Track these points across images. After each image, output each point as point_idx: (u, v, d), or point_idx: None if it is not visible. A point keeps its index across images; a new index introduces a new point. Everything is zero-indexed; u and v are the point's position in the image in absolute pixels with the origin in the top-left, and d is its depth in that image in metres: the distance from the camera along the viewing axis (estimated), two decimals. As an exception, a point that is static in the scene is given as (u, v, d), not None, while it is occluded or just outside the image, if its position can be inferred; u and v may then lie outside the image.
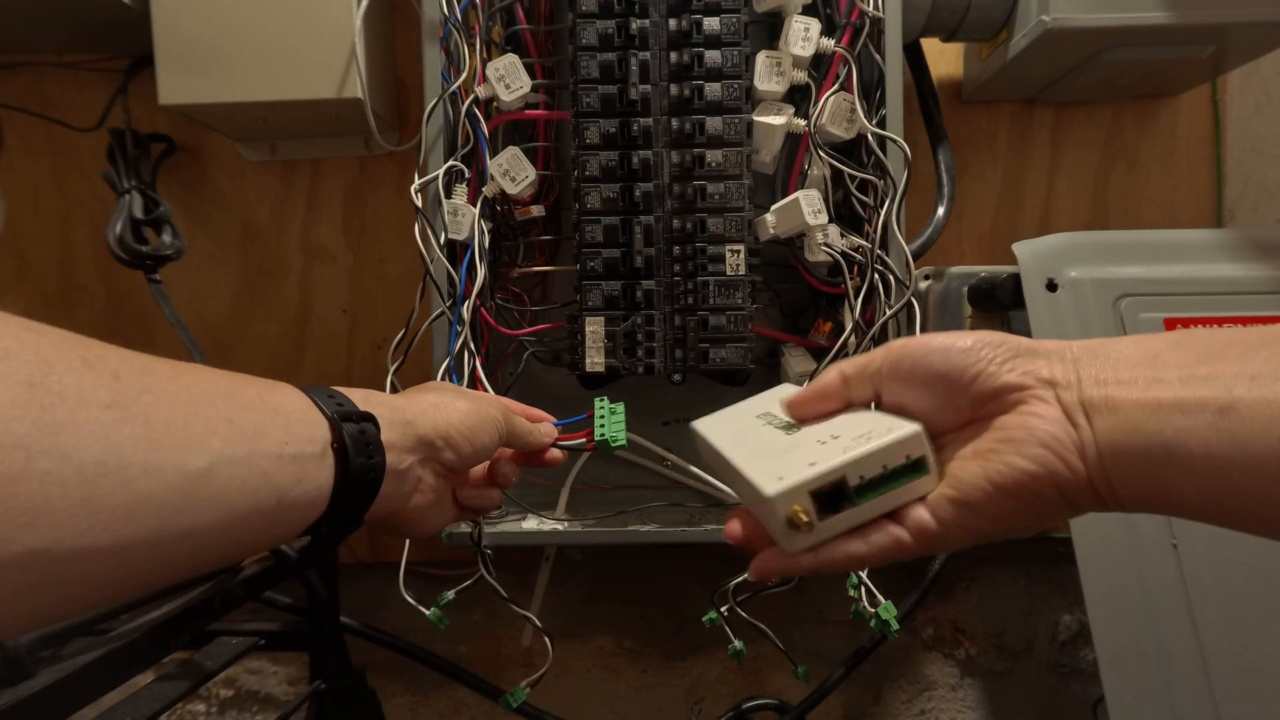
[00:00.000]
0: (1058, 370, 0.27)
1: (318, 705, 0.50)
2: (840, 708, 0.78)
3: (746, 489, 0.32)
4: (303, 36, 0.60)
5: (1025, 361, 0.28)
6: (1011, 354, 0.28)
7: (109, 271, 0.73)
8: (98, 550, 0.21)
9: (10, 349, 0.20)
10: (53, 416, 0.20)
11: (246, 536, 0.28)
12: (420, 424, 0.36)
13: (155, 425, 0.23)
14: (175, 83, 0.60)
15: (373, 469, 0.32)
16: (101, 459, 0.21)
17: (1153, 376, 0.25)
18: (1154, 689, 0.50)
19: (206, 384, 0.27)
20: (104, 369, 0.23)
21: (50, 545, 0.20)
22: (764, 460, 0.32)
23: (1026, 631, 0.78)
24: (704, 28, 0.55)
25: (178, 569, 0.26)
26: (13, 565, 0.19)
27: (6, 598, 0.20)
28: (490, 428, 0.40)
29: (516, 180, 0.57)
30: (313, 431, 0.30)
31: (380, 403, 0.35)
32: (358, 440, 0.32)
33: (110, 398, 0.22)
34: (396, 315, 0.74)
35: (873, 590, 0.53)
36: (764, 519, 0.31)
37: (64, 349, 0.22)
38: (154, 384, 0.24)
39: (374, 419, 0.33)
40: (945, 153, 0.65)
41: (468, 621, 0.78)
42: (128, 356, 0.24)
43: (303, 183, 0.73)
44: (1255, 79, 0.73)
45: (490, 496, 0.44)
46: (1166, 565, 0.51)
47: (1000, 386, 0.28)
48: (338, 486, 0.31)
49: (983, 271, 0.62)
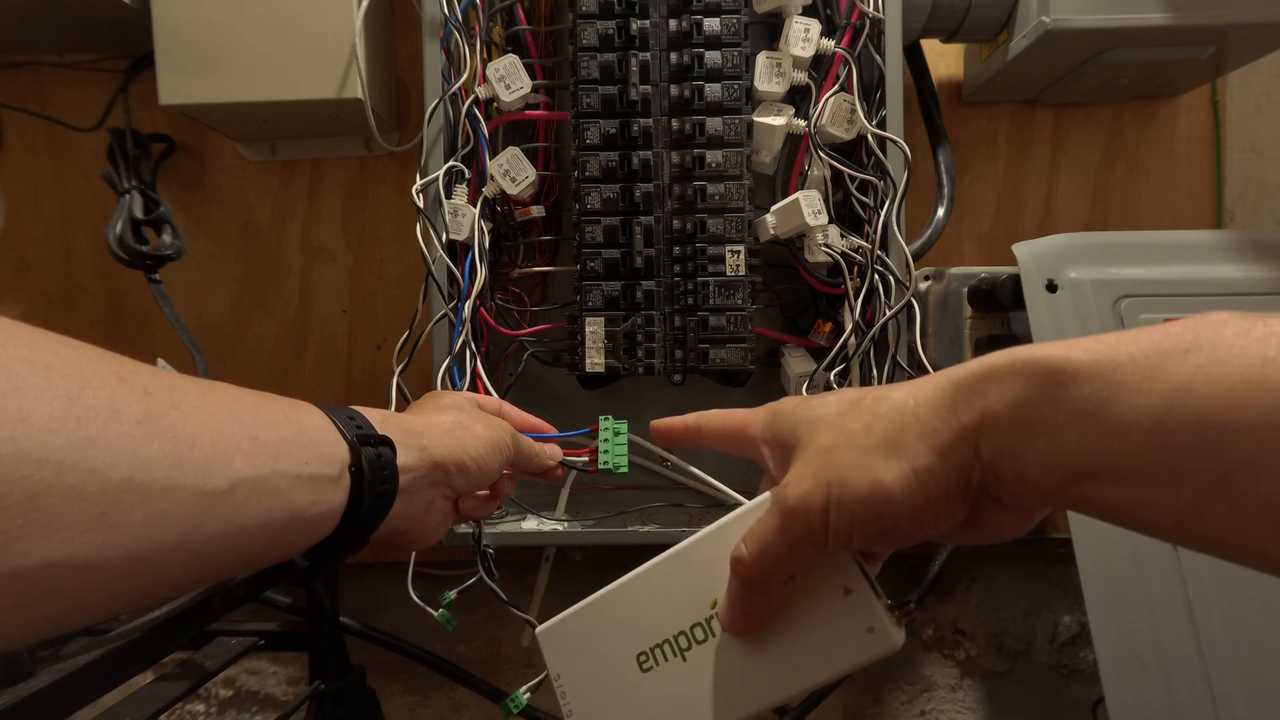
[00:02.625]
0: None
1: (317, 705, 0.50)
2: (840, 708, 0.78)
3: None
4: (303, 37, 0.60)
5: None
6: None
7: (109, 271, 0.73)
8: (109, 564, 0.21)
9: (50, 364, 0.21)
10: (86, 431, 0.21)
11: (252, 554, 0.28)
12: (436, 450, 0.37)
13: (182, 441, 0.24)
14: (175, 83, 0.60)
15: (385, 494, 0.33)
16: (127, 475, 0.21)
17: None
18: (1154, 690, 0.50)
19: (232, 400, 0.27)
20: (136, 384, 0.23)
21: (65, 559, 0.20)
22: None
23: (1026, 632, 0.78)
24: (704, 28, 0.55)
25: (185, 582, 0.26)
26: (25, 576, 0.19)
27: (17, 607, 0.20)
28: (500, 454, 0.41)
29: (517, 181, 0.57)
30: (332, 452, 0.30)
31: (398, 426, 0.35)
32: (374, 464, 0.32)
33: (141, 412, 0.23)
34: (397, 315, 0.74)
35: (872, 591, 0.53)
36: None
37: (99, 364, 0.22)
38: (182, 400, 0.24)
39: (391, 443, 0.33)
40: (945, 153, 0.65)
41: (468, 622, 0.78)
42: (156, 373, 0.25)
43: (303, 183, 0.73)
44: (1255, 80, 0.73)
45: (489, 507, 0.45)
46: (1166, 565, 0.51)
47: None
48: (350, 509, 0.31)
49: (983, 272, 0.62)
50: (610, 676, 0.33)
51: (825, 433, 0.27)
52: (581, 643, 0.35)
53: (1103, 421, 0.21)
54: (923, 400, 0.25)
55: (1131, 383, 0.21)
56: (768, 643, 0.29)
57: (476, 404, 0.45)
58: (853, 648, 0.28)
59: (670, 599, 0.32)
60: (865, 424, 0.26)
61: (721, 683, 0.31)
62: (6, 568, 0.19)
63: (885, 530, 0.25)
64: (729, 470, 0.67)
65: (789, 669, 0.29)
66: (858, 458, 0.25)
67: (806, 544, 0.26)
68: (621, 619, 0.34)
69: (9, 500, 0.19)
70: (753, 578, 0.28)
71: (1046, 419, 0.22)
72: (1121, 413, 0.21)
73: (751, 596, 0.29)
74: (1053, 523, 0.73)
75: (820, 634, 0.29)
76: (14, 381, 0.20)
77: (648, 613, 0.33)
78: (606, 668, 0.34)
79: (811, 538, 0.26)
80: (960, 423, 0.23)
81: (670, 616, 0.32)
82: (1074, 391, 0.21)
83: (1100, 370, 0.21)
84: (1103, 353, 0.21)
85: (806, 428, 0.28)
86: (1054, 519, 0.73)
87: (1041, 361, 0.22)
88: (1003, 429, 0.23)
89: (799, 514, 0.26)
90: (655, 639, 0.32)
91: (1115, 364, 0.21)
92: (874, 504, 0.24)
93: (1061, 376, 0.22)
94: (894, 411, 0.25)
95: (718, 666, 0.31)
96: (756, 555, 0.28)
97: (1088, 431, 0.21)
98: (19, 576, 0.19)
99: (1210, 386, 0.19)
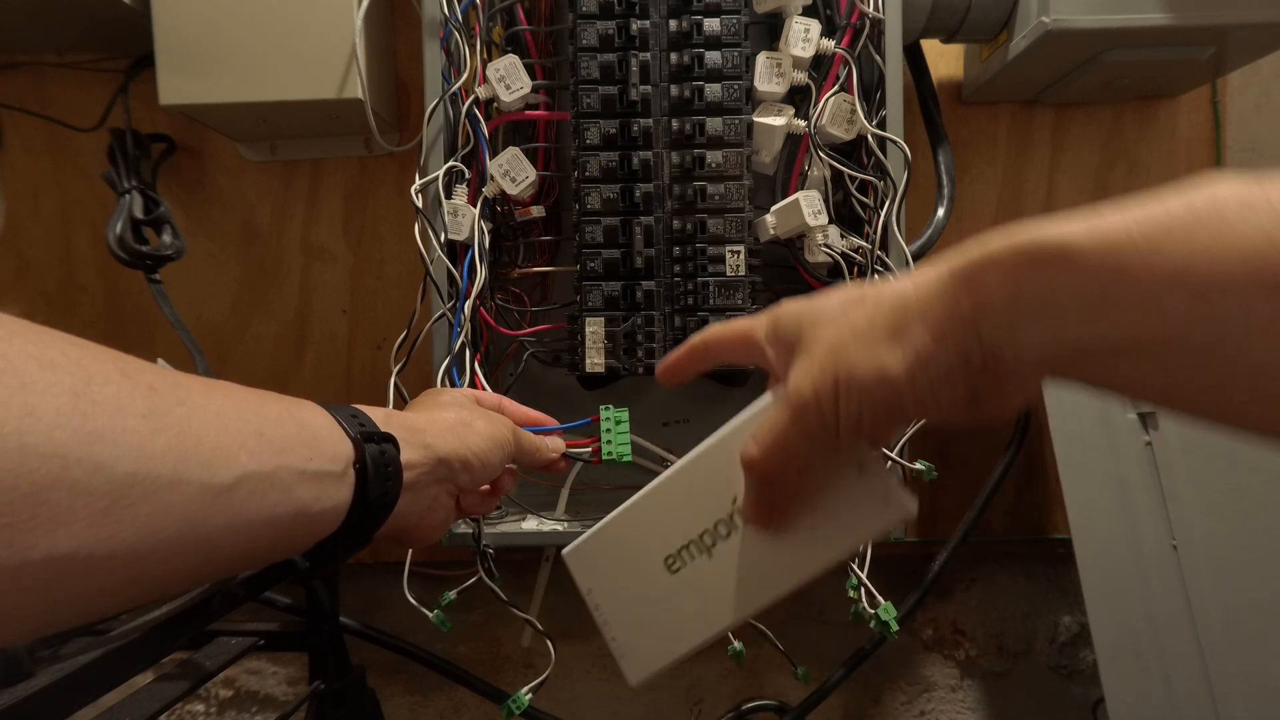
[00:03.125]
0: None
1: (317, 706, 0.50)
2: (840, 709, 0.78)
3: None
4: (303, 37, 0.60)
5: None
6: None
7: (109, 271, 0.73)
8: (114, 558, 0.21)
9: (56, 360, 0.21)
10: (92, 426, 0.21)
11: (257, 549, 0.28)
12: (440, 447, 0.37)
13: (187, 437, 0.24)
14: (175, 83, 0.60)
15: (389, 490, 0.33)
16: (133, 469, 0.22)
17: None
18: (1153, 690, 0.50)
19: (236, 398, 0.27)
20: (140, 381, 0.23)
21: (70, 552, 0.20)
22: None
23: (1026, 632, 0.78)
24: (704, 29, 0.55)
25: (188, 578, 0.26)
26: (30, 570, 0.20)
27: (23, 600, 0.20)
28: (502, 449, 0.41)
29: (517, 181, 0.57)
30: (336, 449, 0.31)
31: (400, 424, 0.36)
32: (378, 461, 0.32)
33: (146, 408, 0.23)
34: (396, 315, 0.74)
35: (873, 591, 0.53)
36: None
37: (103, 361, 0.23)
38: (187, 397, 0.25)
39: (394, 440, 0.33)
40: (945, 154, 0.65)
41: (468, 622, 0.78)
42: (161, 371, 0.25)
43: (303, 183, 0.73)
44: (1255, 80, 0.73)
45: (490, 503, 0.45)
46: (1166, 565, 0.51)
47: None
48: (354, 506, 0.31)
49: (983, 272, 0.61)
50: (641, 583, 0.35)
51: (829, 327, 0.27)
52: (609, 557, 0.36)
53: (1103, 304, 0.21)
54: (924, 289, 0.25)
55: (1133, 266, 0.21)
56: (789, 527, 0.31)
57: (476, 400, 0.45)
58: (870, 520, 0.30)
59: (692, 502, 0.34)
60: (868, 316, 0.26)
61: (749, 571, 0.32)
62: (12, 561, 0.19)
63: (893, 414, 0.26)
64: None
65: (812, 548, 0.31)
66: (863, 348, 0.26)
67: (819, 435, 0.27)
68: (646, 528, 0.35)
69: (15, 494, 0.19)
70: (768, 473, 0.29)
71: (1047, 303, 0.22)
72: (1122, 295, 0.21)
73: (769, 491, 0.30)
74: (1052, 523, 0.73)
75: (838, 512, 0.30)
76: (20, 377, 0.20)
77: (671, 517, 0.34)
78: (636, 575, 0.35)
79: (824, 428, 0.27)
80: (961, 310, 0.24)
81: (694, 517, 0.34)
82: (1074, 275, 0.22)
83: (1100, 252, 0.21)
84: (1103, 233, 0.21)
85: (810, 325, 0.28)
86: (1054, 519, 0.73)
87: (1041, 246, 0.22)
88: (1003, 313, 0.23)
89: (810, 407, 0.27)
90: (681, 540, 0.34)
91: (1115, 244, 0.21)
92: (881, 390, 0.25)
93: (1061, 261, 0.22)
94: (896, 302, 0.26)
95: (743, 557, 0.32)
96: (769, 450, 0.28)
97: (1088, 314, 0.22)
98: (25, 570, 0.19)
99: (1210, 266, 0.19)
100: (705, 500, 0.33)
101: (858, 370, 0.25)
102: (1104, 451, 0.52)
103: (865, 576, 0.53)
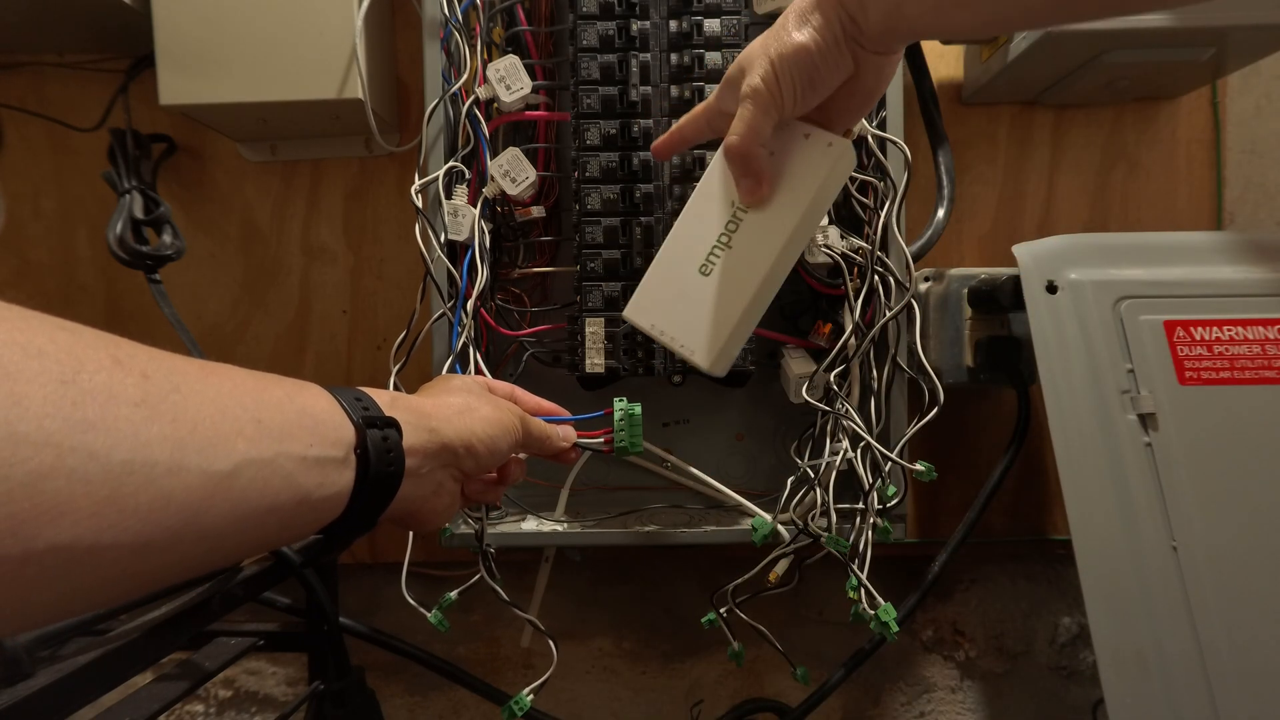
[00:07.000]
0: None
1: (316, 706, 0.50)
2: (840, 710, 0.78)
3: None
4: (303, 37, 0.60)
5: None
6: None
7: (109, 271, 0.73)
8: (117, 547, 0.21)
9: (44, 348, 0.21)
10: (83, 414, 0.21)
11: (262, 536, 0.28)
12: (445, 431, 0.37)
13: (183, 424, 0.23)
14: (176, 83, 0.60)
15: (392, 476, 0.33)
16: (129, 458, 0.21)
17: None
18: (1153, 691, 0.50)
19: (234, 383, 0.27)
20: (133, 367, 0.23)
21: (72, 541, 0.20)
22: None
23: (1026, 633, 0.78)
24: (704, 30, 0.55)
25: (192, 566, 0.26)
26: (34, 560, 0.19)
27: (26, 591, 0.20)
28: (509, 436, 0.41)
29: (517, 181, 0.57)
30: (338, 435, 0.30)
31: (406, 407, 0.35)
32: (380, 446, 0.32)
33: (139, 396, 0.22)
34: (396, 315, 0.74)
35: (872, 592, 0.53)
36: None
37: (95, 347, 0.22)
38: (182, 383, 0.24)
39: (397, 424, 0.33)
40: (945, 155, 0.65)
41: (467, 622, 0.78)
42: (157, 355, 0.24)
43: (303, 183, 0.73)
44: (1255, 82, 0.73)
45: (497, 491, 0.45)
46: (1166, 566, 0.51)
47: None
48: (357, 491, 0.31)
49: (983, 273, 0.62)
50: (687, 295, 0.44)
51: (758, 42, 0.40)
52: (656, 295, 0.46)
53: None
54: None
55: None
56: (775, 196, 0.43)
57: (488, 387, 0.45)
58: (824, 162, 0.41)
59: (704, 222, 0.44)
60: (782, 21, 0.39)
61: (759, 240, 0.43)
62: (15, 551, 0.19)
63: (812, 77, 0.39)
64: (729, 471, 0.67)
65: (795, 202, 0.42)
66: (784, 35, 0.39)
67: (773, 109, 0.40)
68: (676, 256, 0.45)
69: (11, 484, 0.19)
70: (745, 151, 0.41)
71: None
72: None
73: (752, 167, 0.42)
74: (1052, 523, 0.73)
75: (802, 169, 0.42)
76: (4, 366, 0.19)
77: (692, 239, 0.45)
78: (681, 292, 0.44)
79: (775, 102, 0.39)
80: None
81: (709, 229, 0.44)
82: None
83: None
84: None
85: (746, 56, 0.41)
86: (1054, 519, 0.73)
87: None
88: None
89: (761, 89, 0.39)
90: (705, 250, 0.44)
91: None
92: (800, 56, 0.38)
93: None
94: (798, 7, 0.39)
95: (751, 233, 0.43)
96: (744, 135, 0.40)
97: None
98: (29, 560, 0.19)
99: None
100: (713, 214, 0.44)
101: (784, 49, 0.38)
102: (1104, 451, 0.52)
103: (865, 577, 0.53)
